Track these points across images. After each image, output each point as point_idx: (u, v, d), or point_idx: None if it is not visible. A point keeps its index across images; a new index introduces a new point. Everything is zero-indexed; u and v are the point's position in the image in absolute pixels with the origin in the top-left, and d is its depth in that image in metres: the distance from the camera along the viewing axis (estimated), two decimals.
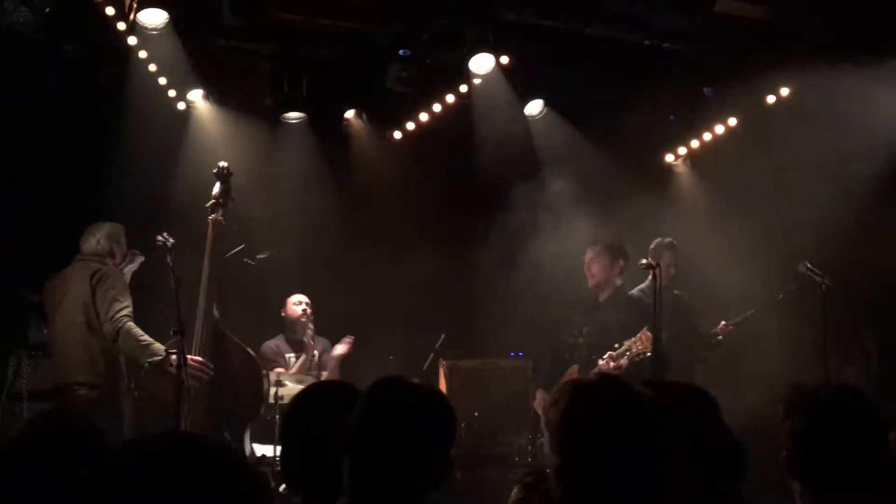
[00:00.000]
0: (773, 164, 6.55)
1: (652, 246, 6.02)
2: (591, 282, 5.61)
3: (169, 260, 4.27)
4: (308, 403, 2.28)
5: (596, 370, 5.10)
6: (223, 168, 4.98)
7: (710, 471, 1.98)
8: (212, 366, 4.60)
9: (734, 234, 6.12)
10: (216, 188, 4.90)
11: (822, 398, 2.07)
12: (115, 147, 5.85)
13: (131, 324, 4.69)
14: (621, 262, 5.51)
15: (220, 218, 4.85)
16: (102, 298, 4.80)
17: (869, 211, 6.08)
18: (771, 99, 6.52)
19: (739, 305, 6.32)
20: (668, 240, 6.10)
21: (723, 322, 6.13)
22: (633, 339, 5.10)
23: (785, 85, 6.41)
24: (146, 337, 4.65)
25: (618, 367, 4.93)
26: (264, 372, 5.09)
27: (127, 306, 4.76)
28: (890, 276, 5.71)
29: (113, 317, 4.69)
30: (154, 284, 4.89)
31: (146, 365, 4.51)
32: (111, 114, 5.74)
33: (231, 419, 4.76)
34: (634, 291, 5.95)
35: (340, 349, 6.27)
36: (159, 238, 4.36)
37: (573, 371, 5.48)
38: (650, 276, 5.43)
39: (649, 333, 5.05)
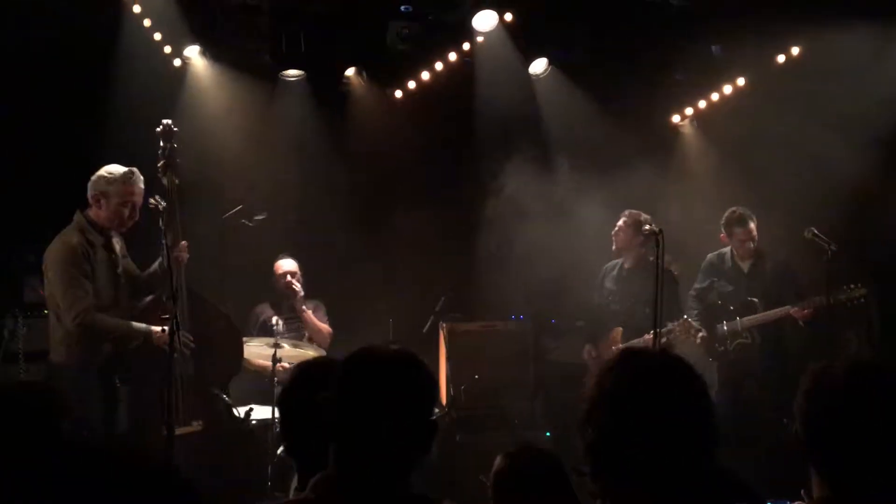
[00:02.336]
0: (782, 125, 6.42)
1: (722, 220, 5.84)
2: (614, 247, 6.01)
3: (161, 223, 4.17)
4: (308, 378, 2.33)
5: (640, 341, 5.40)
6: (167, 125, 4.63)
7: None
8: (191, 336, 4.51)
9: (741, 197, 6.01)
10: (162, 148, 4.58)
11: (841, 377, 1.81)
12: (110, 104, 5.73)
13: (94, 318, 4.27)
14: (645, 232, 5.39)
15: (174, 178, 4.56)
16: (51, 290, 4.37)
17: (880, 173, 5.97)
18: (781, 58, 6.37)
19: None
20: (737, 212, 5.76)
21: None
22: (676, 323, 5.46)
23: (795, 43, 6.25)
24: (118, 324, 4.35)
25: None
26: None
27: (80, 297, 4.24)
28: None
29: (73, 316, 4.25)
30: (147, 248, 4.75)
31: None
32: (105, 70, 5.62)
33: (215, 380, 4.75)
34: (710, 255, 6.00)
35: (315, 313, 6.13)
36: (151, 200, 4.25)
37: (617, 333, 5.90)
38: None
39: (691, 322, 5.49)
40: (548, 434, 6.27)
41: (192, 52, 6.05)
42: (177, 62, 6.06)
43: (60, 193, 5.74)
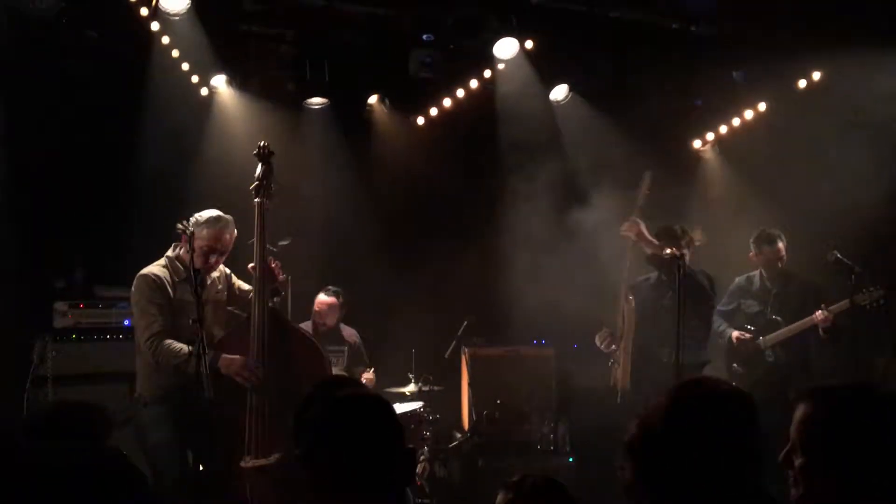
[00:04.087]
0: (803, 150, 6.42)
1: (752, 239, 5.84)
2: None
3: (189, 248, 4.22)
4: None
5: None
6: (263, 147, 4.56)
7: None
8: (260, 368, 4.30)
9: (763, 221, 6.00)
10: (258, 169, 4.52)
11: (843, 398, 1.93)
12: (139, 134, 5.86)
13: (163, 342, 4.28)
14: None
15: (266, 200, 4.48)
16: (133, 321, 4.54)
17: None
18: (802, 83, 6.38)
19: None
20: (766, 230, 5.79)
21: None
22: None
23: (816, 69, 6.26)
24: (185, 349, 4.17)
25: None
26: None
27: (150, 323, 4.31)
28: None
29: (144, 339, 4.33)
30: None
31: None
32: (134, 100, 5.75)
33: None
34: (739, 278, 5.97)
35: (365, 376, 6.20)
36: (179, 226, 4.29)
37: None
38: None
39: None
40: (570, 459, 6.24)
41: (219, 81, 6.18)
42: (204, 91, 6.18)
43: (91, 221, 5.88)
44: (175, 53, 5.72)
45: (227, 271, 4.74)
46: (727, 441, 1.82)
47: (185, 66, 5.88)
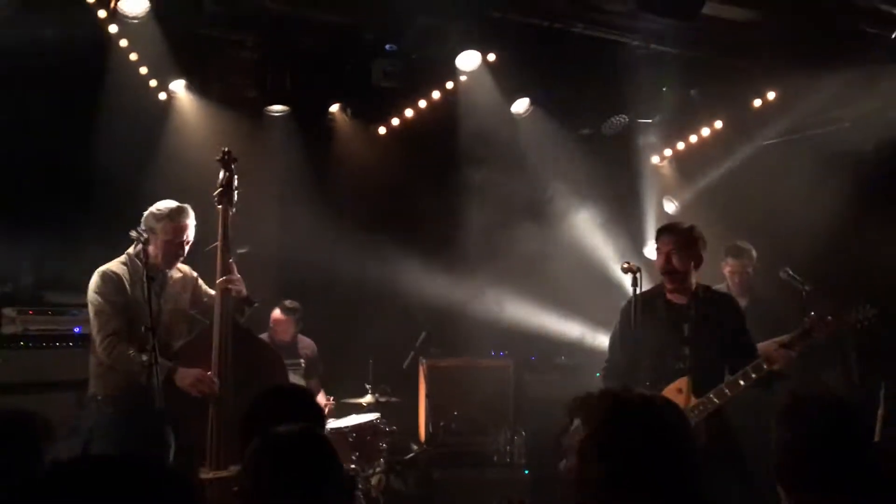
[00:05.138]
0: (758, 168, 6.56)
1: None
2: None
3: (143, 255, 4.13)
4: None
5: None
6: (226, 153, 4.46)
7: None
8: (216, 382, 4.17)
9: (717, 237, 6.10)
10: (221, 176, 4.44)
11: (809, 410, 2.22)
12: (93, 138, 5.74)
13: (119, 346, 4.17)
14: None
15: (229, 207, 4.40)
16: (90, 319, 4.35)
17: (851, 215, 6.09)
18: (757, 102, 6.52)
19: None
20: (734, 244, 5.72)
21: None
22: None
23: (771, 88, 6.41)
24: (142, 359, 4.01)
25: None
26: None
27: (104, 324, 4.20)
28: (871, 279, 5.71)
29: (99, 341, 4.21)
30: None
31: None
32: (90, 104, 5.64)
33: None
34: None
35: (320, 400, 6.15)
36: (133, 233, 4.20)
37: None
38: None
39: None
40: (526, 472, 6.25)
41: (178, 86, 6.10)
42: (162, 96, 6.10)
43: (42, 225, 5.74)
44: (133, 57, 5.64)
45: (194, 274, 4.65)
46: (660, 446, 1.94)
47: (144, 70, 5.79)
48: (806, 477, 2.12)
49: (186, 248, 4.46)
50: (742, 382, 4.00)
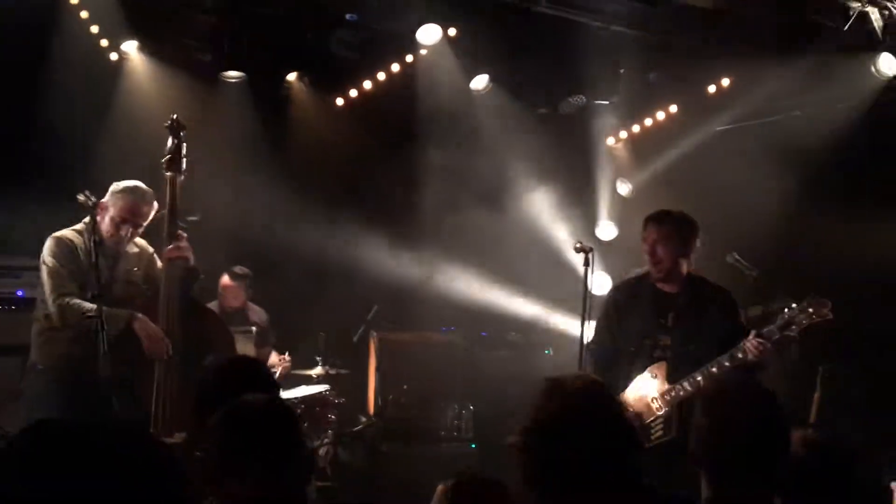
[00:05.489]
0: (711, 154, 6.65)
1: None
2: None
3: (91, 220, 4.03)
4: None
5: None
6: (175, 121, 4.34)
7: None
8: (168, 342, 4.13)
9: None
10: (169, 143, 4.33)
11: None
12: (40, 98, 5.57)
13: (72, 300, 4.09)
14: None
15: (177, 174, 4.27)
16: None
17: (801, 203, 6.23)
18: (712, 88, 6.60)
19: None
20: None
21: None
22: None
23: (726, 75, 6.49)
24: (96, 308, 3.89)
25: None
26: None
27: (58, 284, 4.11)
28: (817, 269, 5.86)
29: (52, 299, 4.12)
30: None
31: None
32: (38, 62, 5.46)
33: None
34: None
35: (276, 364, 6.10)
36: (81, 196, 4.09)
37: None
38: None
39: None
40: (473, 445, 6.32)
41: (130, 46, 5.94)
42: (113, 56, 5.93)
43: None
44: (84, 14, 5.47)
45: (151, 250, 4.53)
46: (597, 428, 2.00)
47: (95, 29, 5.63)
48: (721, 462, 2.19)
49: (136, 231, 4.34)
50: (715, 370, 3.92)
